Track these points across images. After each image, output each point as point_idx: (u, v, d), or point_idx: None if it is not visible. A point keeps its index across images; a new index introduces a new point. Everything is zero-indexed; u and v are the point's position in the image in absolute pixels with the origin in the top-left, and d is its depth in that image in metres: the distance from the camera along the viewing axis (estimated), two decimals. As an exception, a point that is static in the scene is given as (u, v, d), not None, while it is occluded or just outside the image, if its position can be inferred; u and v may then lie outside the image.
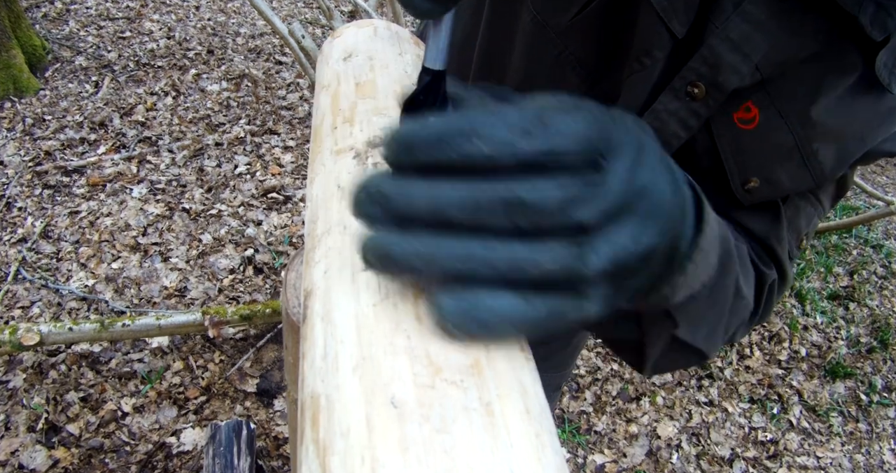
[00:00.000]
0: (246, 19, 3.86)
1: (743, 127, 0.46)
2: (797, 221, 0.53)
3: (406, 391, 0.24)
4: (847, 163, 0.48)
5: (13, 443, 1.63)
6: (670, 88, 0.46)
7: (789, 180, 0.48)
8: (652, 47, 0.45)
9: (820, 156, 0.46)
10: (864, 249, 3.11)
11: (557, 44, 0.51)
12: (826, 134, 0.45)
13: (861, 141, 0.47)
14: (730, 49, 0.42)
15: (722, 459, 1.99)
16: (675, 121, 0.47)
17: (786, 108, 0.45)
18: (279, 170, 2.69)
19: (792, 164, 0.47)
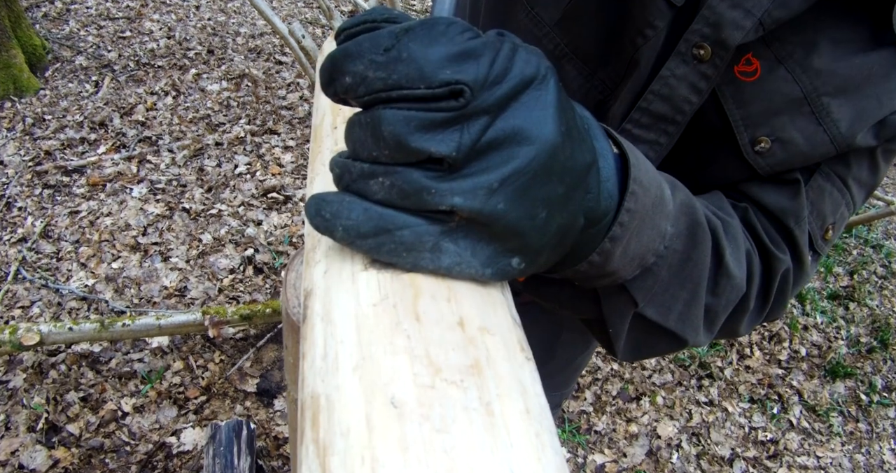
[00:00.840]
0: (246, 19, 3.86)
1: (745, 79, 0.45)
2: (821, 204, 0.49)
3: (406, 391, 0.24)
4: (864, 125, 0.45)
5: (13, 443, 1.63)
6: (676, 53, 0.45)
7: (803, 139, 0.45)
8: (653, 18, 0.45)
9: (833, 113, 0.44)
10: (864, 249, 3.11)
11: (553, 37, 0.51)
12: (835, 87, 0.44)
13: (877, 102, 0.45)
14: (729, 6, 0.42)
15: (722, 459, 1.99)
16: (684, 85, 0.46)
17: (787, 59, 0.44)
18: (279, 169, 2.69)
19: (803, 120, 0.45)
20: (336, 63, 0.26)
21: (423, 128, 0.25)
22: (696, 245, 0.41)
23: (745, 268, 0.46)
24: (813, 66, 0.43)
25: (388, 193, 0.27)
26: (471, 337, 0.27)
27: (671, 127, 0.48)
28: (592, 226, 0.33)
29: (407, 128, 0.25)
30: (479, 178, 0.27)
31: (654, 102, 0.47)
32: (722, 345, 2.38)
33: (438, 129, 0.26)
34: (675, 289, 0.42)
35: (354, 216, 0.28)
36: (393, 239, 0.28)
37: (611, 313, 0.43)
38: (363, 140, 0.27)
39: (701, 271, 0.42)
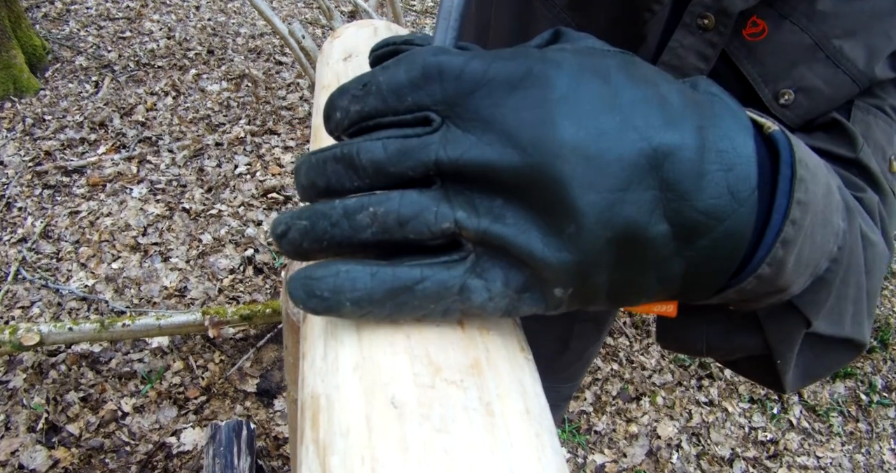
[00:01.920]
0: (246, 19, 3.86)
1: (754, 39, 0.47)
2: (873, 136, 0.47)
3: (406, 391, 0.24)
4: (879, 58, 0.45)
5: (13, 443, 1.63)
6: (682, 25, 0.47)
7: (825, 84, 0.45)
8: None
9: (847, 53, 0.45)
10: (864, 249, 3.11)
11: (564, 18, 0.52)
12: (843, 30, 0.45)
13: (887, 37, 0.45)
14: None
15: (722, 459, 1.99)
16: (692, 54, 0.48)
17: (789, 11, 0.45)
18: (279, 170, 2.69)
19: (819, 66, 0.45)
20: (330, 100, 0.27)
21: (401, 151, 0.24)
22: (853, 230, 0.34)
23: (878, 229, 0.40)
24: (817, 12, 0.45)
25: (382, 224, 0.24)
26: (471, 336, 0.27)
27: None
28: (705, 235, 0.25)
29: (384, 152, 0.24)
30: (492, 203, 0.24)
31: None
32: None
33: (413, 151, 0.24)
34: (844, 291, 0.35)
35: (361, 285, 0.24)
36: (415, 296, 0.24)
37: (778, 341, 0.35)
38: (340, 173, 0.25)
39: (858, 257, 0.35)
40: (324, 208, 0.25)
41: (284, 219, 0.26)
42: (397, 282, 0.24)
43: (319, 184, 0.26)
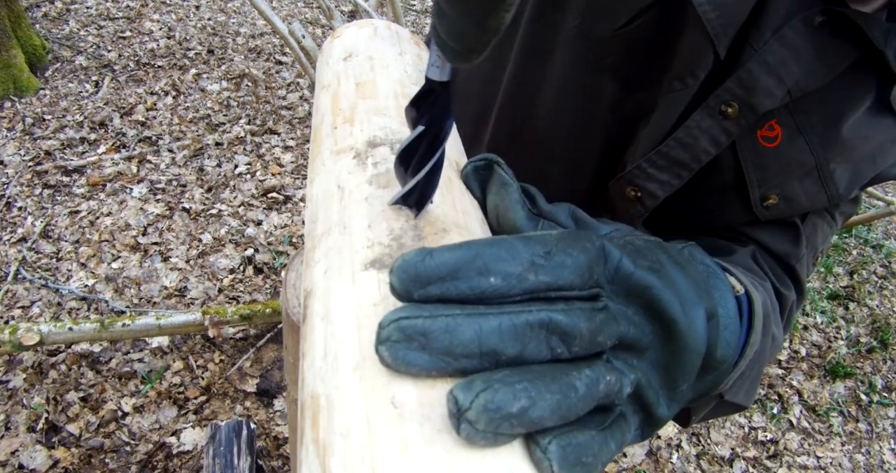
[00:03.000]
0: (246, 19, 3.86)
1: (766, 144, 0.48)
2: (814, 239, 0.55)
3: (406, 391, 0.24)
4: (859, 184, 0.50)
5: (13, 443, 1.63)
6: (705, 106, 0.48)
7: (806, 198, 0.50)
8: (697, 69, 0.46)
9: (836, 177, 0.48)
10: (864, 249, 3.11)
11: (599, 51, 0.52)
12: (843, 155, 0.48)
13: (872, 163, 0.49)
14: (766, 72, 0.44)
15: (722, 459, 1.99)
16: (706, 138, 0.48)
17: (808, 130, 0.47)
18: (279, 169, 2.69)
19: (809, 183, 0.49)
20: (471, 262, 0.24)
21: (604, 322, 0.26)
22: (766, 334, 0.43)
23: (781, 325, 0.50)
24: (829, 139, 0.47)
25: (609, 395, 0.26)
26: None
27: (685, 172, 0.51)
28: (709, 374, 0.34)
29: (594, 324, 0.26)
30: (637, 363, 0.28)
31: (674, 148, 0.50)
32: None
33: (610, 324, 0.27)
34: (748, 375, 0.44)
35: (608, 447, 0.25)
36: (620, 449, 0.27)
37: (699, 407, 0.47)
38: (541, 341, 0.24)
39: (765, 353, 0.45)
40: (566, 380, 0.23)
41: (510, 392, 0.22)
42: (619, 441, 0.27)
43: (510, 351, 0.24)
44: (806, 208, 0.51)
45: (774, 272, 0.53)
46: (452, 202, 0.36)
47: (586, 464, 0.24)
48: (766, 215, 0.51)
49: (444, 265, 0.24)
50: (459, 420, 0.21)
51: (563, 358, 0.25)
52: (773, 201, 0.50)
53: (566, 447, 0.23)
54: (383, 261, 0.30)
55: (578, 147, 0.58)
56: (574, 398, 0.23)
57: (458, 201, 0.36)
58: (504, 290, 0.24)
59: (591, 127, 0.56)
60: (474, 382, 0.22)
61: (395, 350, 0.23)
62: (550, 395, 0.22)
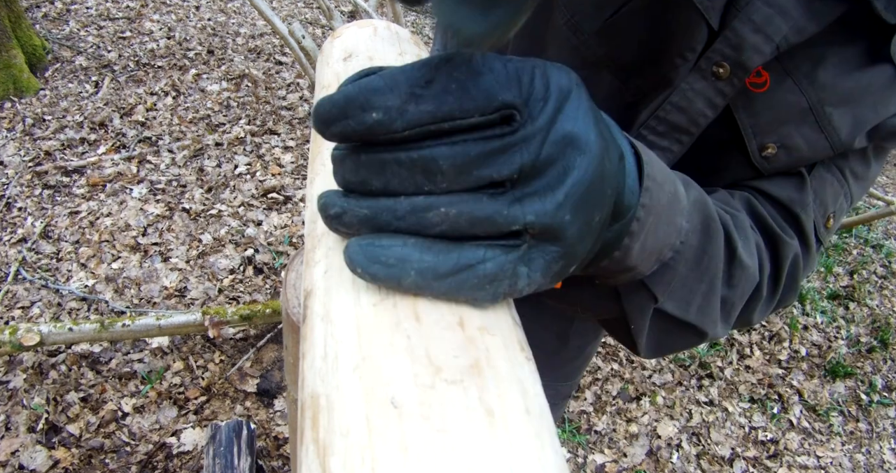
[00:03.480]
0: (246, 19, 3.86)
1: (755, 90, 0.48)
2: (823, 194, 0.52)
3: (406, 391, 0.24)
4: (861, 130, 0.48)
5: (13, 443, 1.63)
6: (696, 69, 0.48)
7: (806, 145, 0.48)
8: (694, 43, 0.47)
9: (835, 121, 0.47)
10: (864, 249, 3.11)
11: (591, 46, 0.52)
12: (838, 98, 0.47)
13: (873, 109, 0.48)
14: (752, 30, 0.44)
15: (722, 459, 1.99)
16: (701, 99, 0.48)
17: (794, 71, 0.46)
18: (279, 170, 2.69)
19: (807, 128, 0.48)
20: (354, 99, 0.25)
21: (484, 155, 0.25)
22: (711, 239, 0.43)
23: (756, 258, 0.49)
24: (818, 79, 0.46)
25: (453, 223, 0.26)
26: (471, 337, 0.27)
27: (685, 137, 0.51)
28: (616, 222, 0.34)
29: (466, 158, 0.25)
30: (546, 194, 0.26)
31: (671, 113, 0.50)
32: (722, 345, 2.38)
33: (497, 154, 0.25)
34: (693, 283, 0.44)
35: (428, 257, 0.26)
36: (476, 275, 0.26)
37: (632, 309, 0.45)
38: (406, 177, 0.25)
39: (716, 264, 0.44)
40: (387, 203, 0.26)
41: (337, 200, 0.27)
42: (462, 260, 0.26)
43: (374, 184, 0.26)
44: (808, 157, 0.50)
45: (776, 219, 0.51)
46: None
47: (386, 264, 0.26)
48: (768, 167, 0.50)
49: (336, 105, 0.25)
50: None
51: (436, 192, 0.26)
52: (772, 151, 0.49)
53: (364, 245, 0.26)
54: None
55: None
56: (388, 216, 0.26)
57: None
58: (389, 125, 0.24)
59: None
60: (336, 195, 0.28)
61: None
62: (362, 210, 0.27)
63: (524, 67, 0.26)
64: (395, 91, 0.24)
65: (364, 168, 0.26)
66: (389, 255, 0.26)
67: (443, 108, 0.24)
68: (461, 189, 0.26)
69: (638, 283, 0.42)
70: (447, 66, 0.25)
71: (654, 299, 0.43)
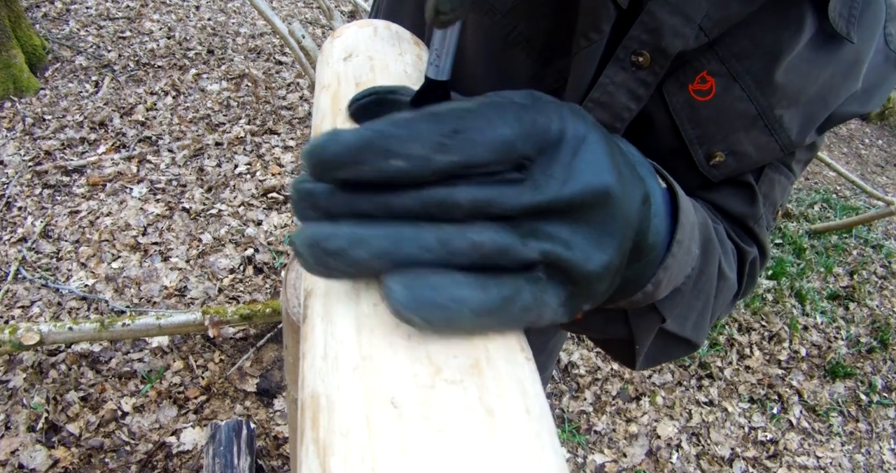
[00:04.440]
0: (246, 19, 3.86)
1: (700, 98, 0.45)
2: (772, 194, 0.52)
3: (406, 391, 0.24)
4: (812, 127, 0.47)
5: (13, 443, 1.63)
6: (615, 59, 0.44)
7: (756, 150, 0.47)
8: (598, 21, 0.43)
9: (785, 123, 0.45)
10: (864, 249, 3.11)
11: (505, 25, 0.49)
12: (788, 98, 0.44)
13: (823, 103, 0.46)
14: (669, 12, 0.41)
15: (722, 459, 1.99)
16: (623, 92, 0.45)
17: (742, 75, 0.44)
18: (279, 169, 2.69)
19: (756, 132, 0.46)
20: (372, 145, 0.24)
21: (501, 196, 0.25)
22: (709, 259, 0.43)
23: (735, 269, 0.49)
24: (769, 82, 0.43)
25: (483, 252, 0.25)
26: (470, 337, 0.27)
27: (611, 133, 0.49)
28: (640, 260, 0.33)
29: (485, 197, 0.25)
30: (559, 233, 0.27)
31: (593, 110, 0.46)
32: (722, 345, 2.38)
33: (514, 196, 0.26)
34: (692, 301, 0.44)
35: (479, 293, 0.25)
36: (517, 307, 0.26)
37: (640, 331, 0.45)
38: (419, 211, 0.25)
39: (712, 282, 0.45)
40: (410, 232, 0.24)
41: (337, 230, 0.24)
42: (503, 293, 0.26)
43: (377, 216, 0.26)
44: (758, 161, 0.48)
45: (735, 230, 0.52)
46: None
47: (443, 306, 0.24)
48: (716, 174, 0.48)
49: (348, 150, 0.24)
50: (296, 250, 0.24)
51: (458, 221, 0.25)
52: (721, 158, 0.47)
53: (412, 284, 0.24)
54: None
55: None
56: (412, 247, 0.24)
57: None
58: (415, 173, 0.24)
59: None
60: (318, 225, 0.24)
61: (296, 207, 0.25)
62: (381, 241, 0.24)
63: (541, 115, 0.27)
64: (420, 141, 0.24)
65: (364, 204, 0.25)
66: (444, 296, 0.24)
67: (470, 160, 0.25)
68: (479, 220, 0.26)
69: (649, 307, 0.42)
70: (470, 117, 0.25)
71: (662, 320, 0.43)
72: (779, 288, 2.66)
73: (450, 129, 0.24)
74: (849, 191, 3.64)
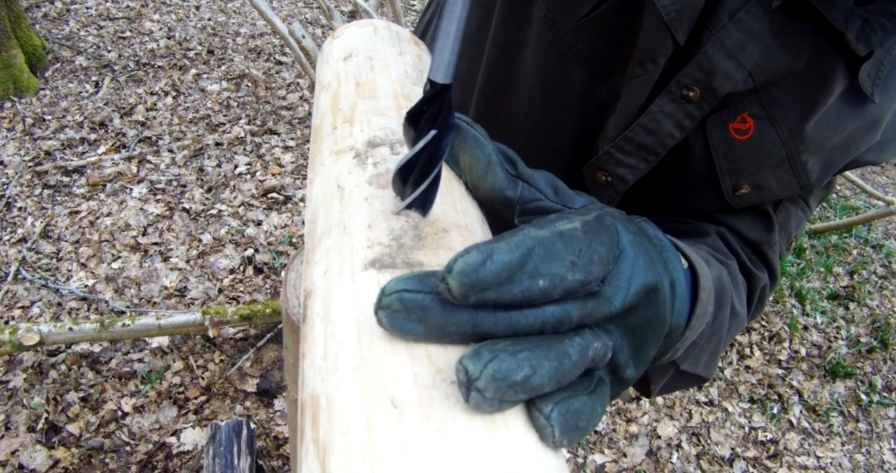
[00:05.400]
0: (246, 19, 3.86)
1: (738, 137, 0.49)
2: (788, 225, 0.57)
3: (406, 391, 0.24)
4: (832, 172, 0.51)
5: (13, 443, 1.63)
6: (667, 91, 0.48)
7: (778, 187, 0.51)
8: (656, 54, 0.47)
9: (808, 167, 0.50)
10: (864, 249, 3.11)
11: (566, 41, 0.53)
12: (815, 147, 0.48)
13: (845, 151, 0.50)
14: (724, 56, 0.45)
15: (722, 459, 1.99)
16: (670, 122, 0.49)
17: (779, 121, 0.47)
18: (279, 170, 2.69)
19: (781, 173, 0.50)
20: (528, 266, 0.24)
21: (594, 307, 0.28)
22: (723, 308, 0.46)
23: (745, 304, 0.53)
24: (801, 133, 0.47)
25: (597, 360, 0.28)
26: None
27: (651, 156, 0.53)
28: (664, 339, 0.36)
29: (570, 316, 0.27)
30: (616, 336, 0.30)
31: (639, 134, 0.51)
32: (722, 345, 2.38)
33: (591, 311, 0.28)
34: (705, 344, 0.47)
35: (600, 411, 0.27)
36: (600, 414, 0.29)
37: (655, 376, 0.50)
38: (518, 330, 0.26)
39: (724, 326, 0.48)
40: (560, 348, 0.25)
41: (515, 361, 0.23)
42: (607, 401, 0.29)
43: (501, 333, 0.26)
44: (778, 196, 0.53)
45: (746, 254, 0.55)
46: (452, 202, 0.36)
47: (581, 429, 0.25)
48: (739, 203, 0.53)
49: (504, 270, 0.24)
50: (469, 388, 0.22)
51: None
52: (746, 190, 0.51)
53: (566, 413, 0.25)
54: (383, 261, 0.30)
55: (551, 136, 0.59)
56: (568, 364, 0.25)
57: (458, 201, 0.36)
58: (549, 291, 0.25)
59: (563, 115, 0.57)
60: (481, 353, 0.23)
61: (394, 318, 0.25)
62: (548, 363, 0.24)
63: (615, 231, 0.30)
64: (559, 259, 0.25)
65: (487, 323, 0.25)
66: (588, 419, 0.26)
67: (588, 278, 0.26)
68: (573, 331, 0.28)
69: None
70: (586, 237, 0.27)
71: (677, 366, 0.47)
72: (779, 288, 2.66)
73: (577, 249, 0.26)
74: (849, 190, 3.64)
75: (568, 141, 0.59)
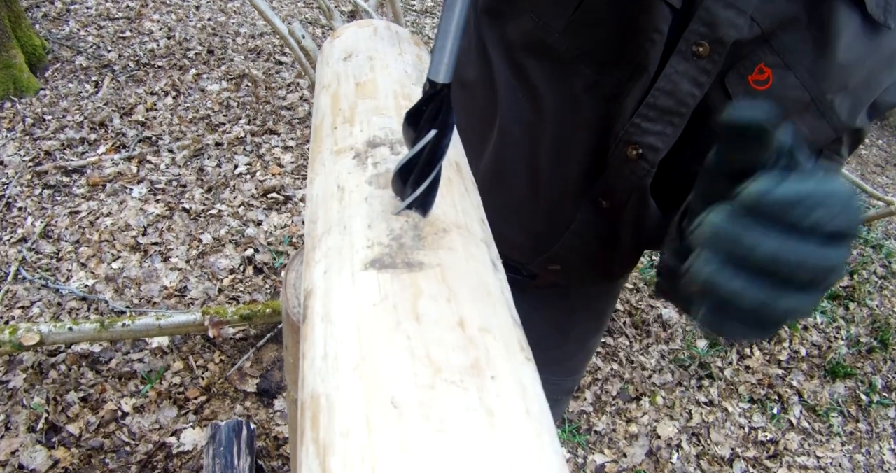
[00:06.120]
0: (246, 19, 3.86)
1: (759, 88, 0.50)
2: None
3: (406, 391, 0.24)
4: (860, 110, 0.52)
5: (13, 443, 1.63)
6: (677, 52, 0.50)
7: (810, 132, 0.52)
8: (658, 23, 0.49)
9: (836, 107, 0.50)
10: (864, 249, 3.11)
11: (563, 42, 0.54)
12: (838, 84, 0.49)
13: (868, 88, 0.51)
14: (723, 6, 0.47)
15: (722, 459, 1.99)
16: (686, 80, 0.51)
17: (796, 65, 0.49)
18: (279, 170, 2.69)
19: (809, 117, 0.51)
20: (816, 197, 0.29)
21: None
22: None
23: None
24: (821, 70, 0.48)
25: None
26: (471, 337, 0.27)
27: (676, 118, 0.53)
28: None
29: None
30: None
31: (660, 98, 0.52)
32: (722, 345, 2.38)
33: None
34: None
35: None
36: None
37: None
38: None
39: None
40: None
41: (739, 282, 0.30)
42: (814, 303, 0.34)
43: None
44: (812, 143, 0.53)
45: None
46: (452, 202, 0.36)
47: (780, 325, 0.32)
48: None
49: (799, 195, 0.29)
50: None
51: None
52: None
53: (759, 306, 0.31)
54: (383, 261, 0.30)
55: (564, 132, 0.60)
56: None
57: (458, 201, 0.36)
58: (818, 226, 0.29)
59: (574, 111, 0.58)
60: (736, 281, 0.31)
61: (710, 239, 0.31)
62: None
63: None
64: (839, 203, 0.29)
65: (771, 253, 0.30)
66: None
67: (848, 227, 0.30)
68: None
69: None
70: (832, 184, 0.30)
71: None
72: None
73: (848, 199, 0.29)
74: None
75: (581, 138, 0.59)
